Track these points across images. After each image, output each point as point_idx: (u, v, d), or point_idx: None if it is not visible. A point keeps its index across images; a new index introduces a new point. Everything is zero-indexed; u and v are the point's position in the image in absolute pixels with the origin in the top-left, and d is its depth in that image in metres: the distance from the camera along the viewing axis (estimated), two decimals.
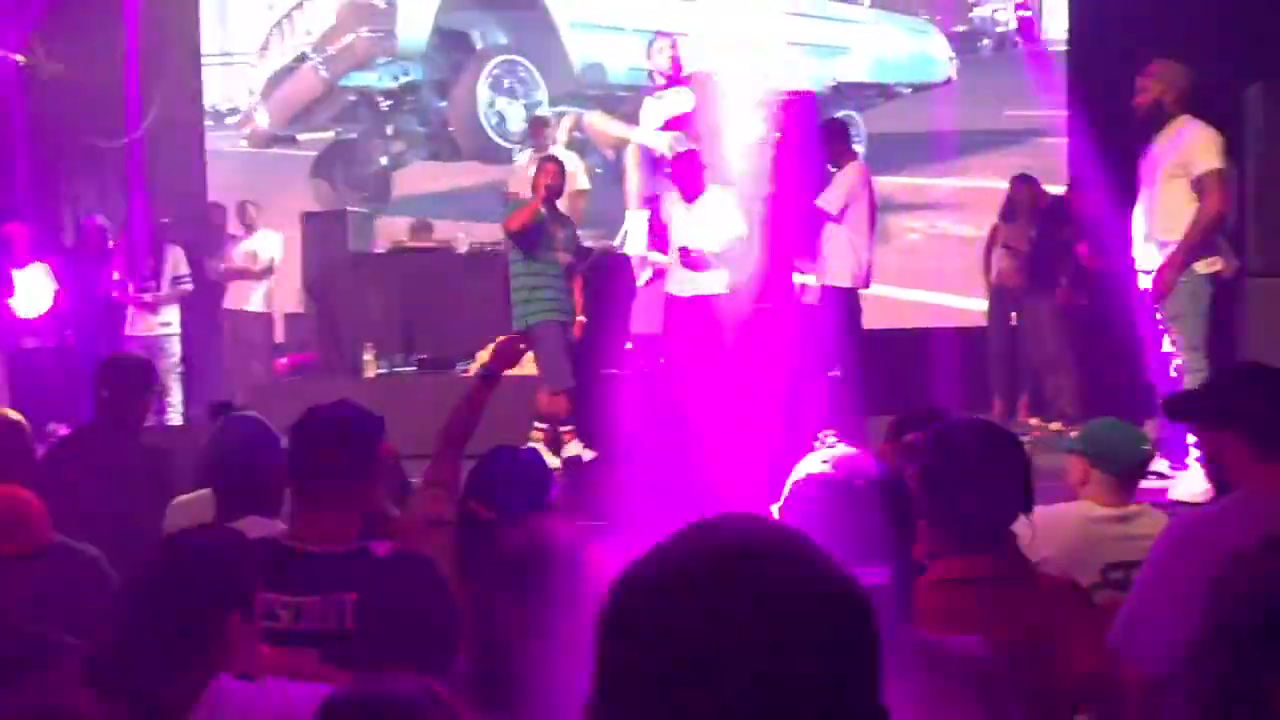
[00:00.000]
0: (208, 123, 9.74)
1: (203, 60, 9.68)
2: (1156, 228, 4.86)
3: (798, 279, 7.49)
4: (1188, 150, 4.75)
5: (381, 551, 2.08)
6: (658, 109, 8.54)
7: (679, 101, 7.55)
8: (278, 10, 9.69)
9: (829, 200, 6.53)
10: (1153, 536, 2.74)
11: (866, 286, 6.71)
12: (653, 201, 7.16)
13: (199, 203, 8.91)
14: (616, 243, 8.45)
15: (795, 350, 6.37)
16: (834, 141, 6.80)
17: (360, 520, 2.16)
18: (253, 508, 2.47)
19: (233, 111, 9.92)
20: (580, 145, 9.06)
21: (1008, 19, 9.20)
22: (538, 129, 7.89)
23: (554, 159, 6.67)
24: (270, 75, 9.73)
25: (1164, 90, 4.82)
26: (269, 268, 8.18)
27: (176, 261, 7.91)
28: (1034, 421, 7.09)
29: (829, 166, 6.90)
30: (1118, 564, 2.78)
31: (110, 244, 8.07)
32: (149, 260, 7.83)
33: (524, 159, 7.60)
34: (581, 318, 6.58)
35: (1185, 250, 4.73)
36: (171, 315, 7.89)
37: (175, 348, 7.92)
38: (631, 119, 9.03)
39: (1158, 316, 4.90)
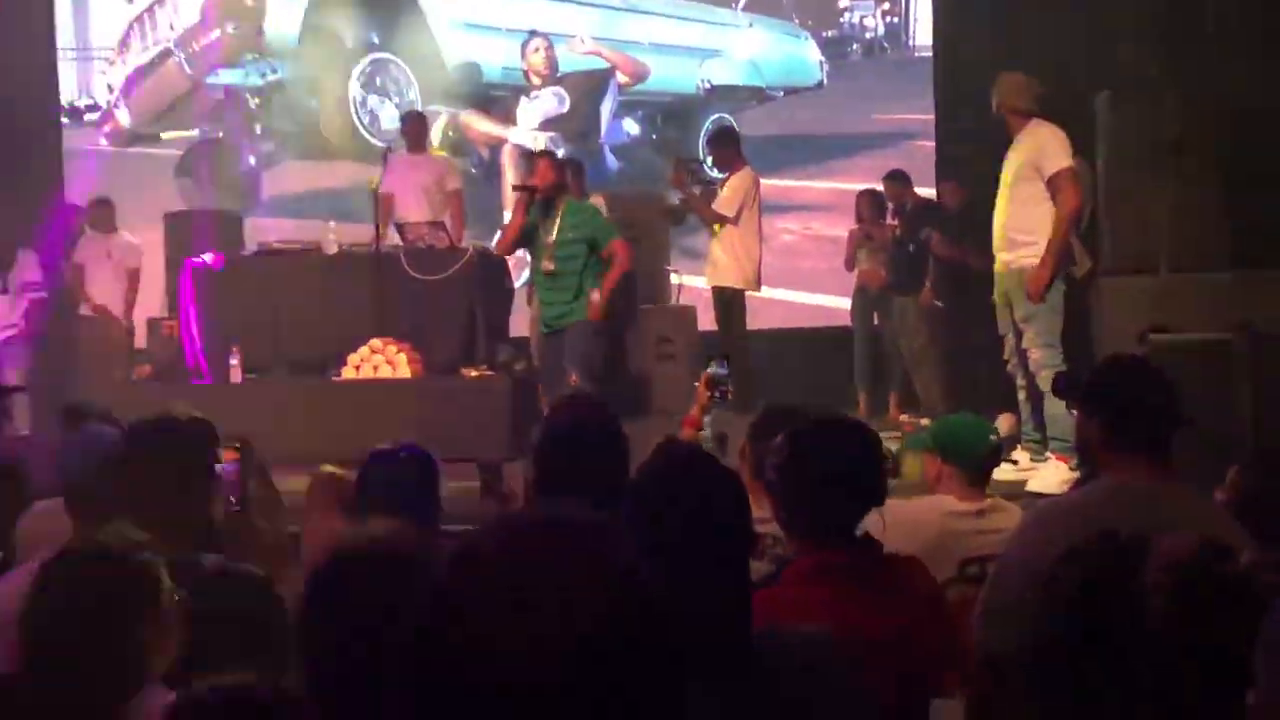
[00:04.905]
0: (64, 120, 9.37)
1: (58, 55, 9.31)
2: (1010, 226, 5.04)
3: (674, 279, 7.56)
4: (1036, 152, 4.94)
5: (210, 565, 2.02)
6: (533, 109, 8.50)
7: (553, 101, 7.53)
8: (138, 4, 9.36)
9: (726, 206, 6.57)
10: (1006, 530, 2.83)
11: (756, 289, 6.77)
12: None
13: (55, 203, 8.54)
14: (494, 243, 8.38)
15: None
16: (725, 148, 6.82)
17: (191, 531, 2.09)
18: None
19: (91, 109, 9.55)
20: (455, 145, 8.97)
21: (875, 25, 9.42)
22: (417, 126, 7.46)
23: (548, 153, 6.34)
24: (131, 71, 9.40)
25: (1005, 99, 5.04)
26: (130, 271, 7.88)
27: (26, 266, 7.58)
28: (904, 417, 7.25)
29: (718, 172, 6.95)
30: (973, 559, 2.81)
31: None
32: None
33: (398, 157, 7.43)
34: None
35: (1055, 250, 4.90)
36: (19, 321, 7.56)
37: (24, 355, 7.59)
38: (507, 119, 8.99)
39: (1016, 316, 5.08)
